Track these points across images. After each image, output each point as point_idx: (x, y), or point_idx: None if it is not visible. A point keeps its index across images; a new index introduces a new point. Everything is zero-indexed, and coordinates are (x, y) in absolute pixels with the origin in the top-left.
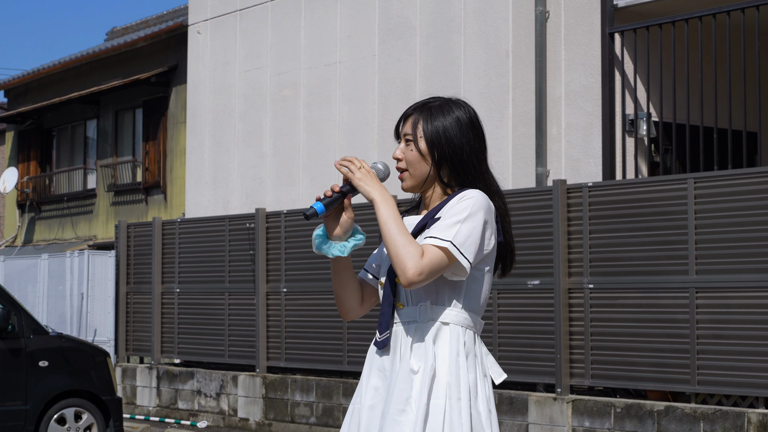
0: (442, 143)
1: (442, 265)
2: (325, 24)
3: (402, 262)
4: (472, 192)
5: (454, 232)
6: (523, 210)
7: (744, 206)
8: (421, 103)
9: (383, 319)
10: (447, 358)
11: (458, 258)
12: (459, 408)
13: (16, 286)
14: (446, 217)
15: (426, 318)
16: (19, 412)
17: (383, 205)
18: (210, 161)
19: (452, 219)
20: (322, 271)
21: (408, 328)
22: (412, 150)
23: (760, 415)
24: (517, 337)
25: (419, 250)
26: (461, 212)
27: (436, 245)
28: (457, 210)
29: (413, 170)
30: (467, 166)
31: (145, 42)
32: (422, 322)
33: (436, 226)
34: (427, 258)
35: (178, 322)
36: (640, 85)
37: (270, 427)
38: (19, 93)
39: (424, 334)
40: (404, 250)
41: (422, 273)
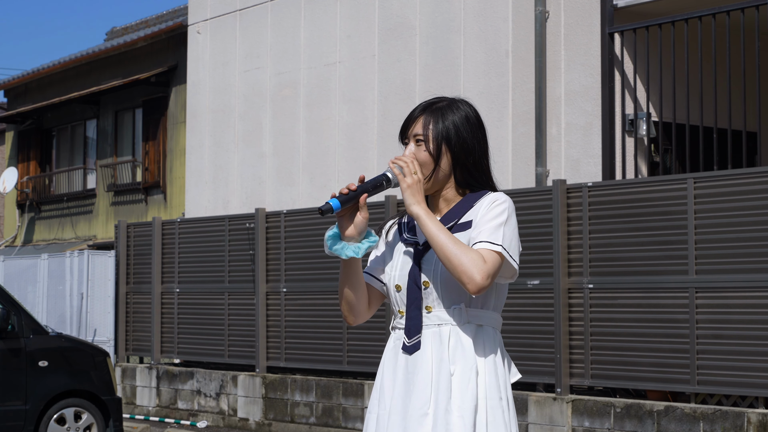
0: (454, 143)
1: (499, 268)
2: (325, 24)
3: (468, 270)
4: (503, 195)
5: (501, 235)
6: (523, 210)
7: (744, 206)
8: (428, 104)
9: (412, 323)
10: (487, 360)
11: (510, 261)
12: (502, 408)
13: (16, 286)
14: (487, 221)
15: (462, 321)
16: (18, 412)
17: (428, 219)
18: (210, 161)
19: (495, 222)
20: (322, 271)
21: (440, 331)
22: (424, 150)
23: (760, 415)
24: (516, 337)
25: (480, 256)
26: (500, 215)
27: (491, 249)
28: (495, 213)
29: (426, 171)
30: (479, 166)
31: (145, 42)
32: (458, 324)
33: (481, 231)
34: (490, 262)
35: (177, 322)
36: (640, 85)
37: (270, 427)
38: (19, 93)
39: (461, 336)
40: (466, 258)
41: (489, 277)
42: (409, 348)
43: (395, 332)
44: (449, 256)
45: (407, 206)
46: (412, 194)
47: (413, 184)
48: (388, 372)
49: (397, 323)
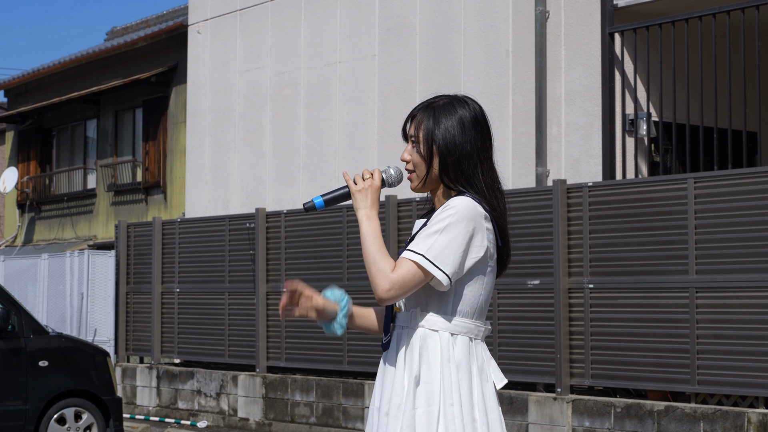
0: (441, 144)
1: (415, 278)
2: (325, 24)
3: (373, 279)
4: (457, 200)
5: (429, 244)
6: (523, 210)
7: (744, 206)
8: (426, 103)
9: (386, 323)
10: (436, 366)
11: (432, 271)
12: (453, 414)
13: (16, 286)
14: (426, 227)
15: (415, 324)
16: (19, 411)
17: (365, 222)
18: (210, 161)
19: (430, 230)
20: (323, 271)
21: (402, 333)
22: (416, 151)
23: (760, 414)
24: (517, 337)
25: (390, 266)
26: (440, 222)
27: (408, 258)
28: (436, 220)
29: (419, 171)
30: (466, 167)
31: (145, 42)
32: (412, 328)
33: (414, 239)
34: (398, 273)
35: (178, 322)
36: (640, 85)
37: (270, 426)
38: (19, 93)
39: (412, 340)
40: (375, 267)
41: (391, 288)
42: (383, 345)
43: None
44: (366, 262)
45: (355, 210)
46: (360, 198)
47: (363, 188)
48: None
49: None
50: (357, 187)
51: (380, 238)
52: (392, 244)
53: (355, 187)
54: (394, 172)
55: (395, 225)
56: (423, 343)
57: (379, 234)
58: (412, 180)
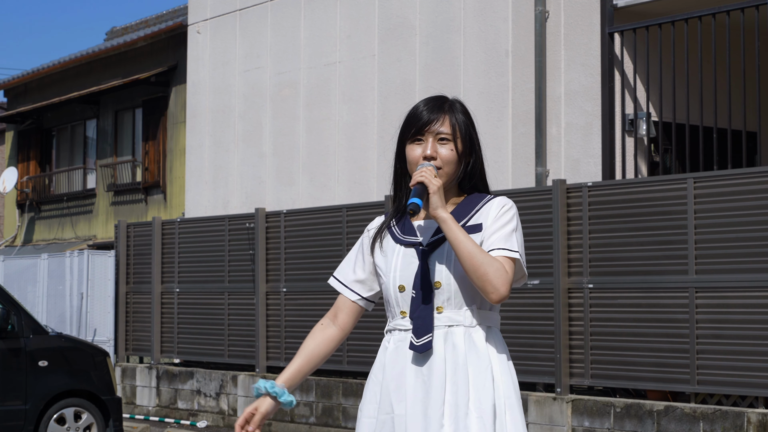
0: (474, 145)
1: (515, 274)
2: (325, 24)
3: (493, 281)
4: (509, 201)
5: (514, 242)
6: (523, 210)
7: (744, 206)
8: (442, 101)
9: (423, 323)
10: (501, 361)
11: (523, 267)
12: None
13: (16, 286)
14: (500, 227)
15: (474, 322)
16: (18, 411)
17: (453, 223)
18: (210, 161)
19: (507, 228)
20: (322, 271)
21: (452, 332)
22: (451, 150)
23: (760, 414)
24: (516, 337)
25: (503, 266)
26: (511, 221)
27: (509, 257)
28: (506, 219)
29: (449, 169)
30: (479, 165)
31: (145, 42)
32: (470, 326)
33: (497, 238)
34: (510, 271)
35: (177, 321)
36: (640, 85)
37: (269, 426)
38: (19, 93)
39: (474, 338)
40: (492, 268)
41: (510, 286)
42: (418, 347)
43: (394, 334)
44: (476, 265)
45: (433, 209)
46: (440, 197)
47: (440, 188)
48: (394, 374)
49: (398, 324)
50: (434, 186)
51: (471, 237)
52: None
53: (433, 187)
54: None
55: None
56: (487, 339)
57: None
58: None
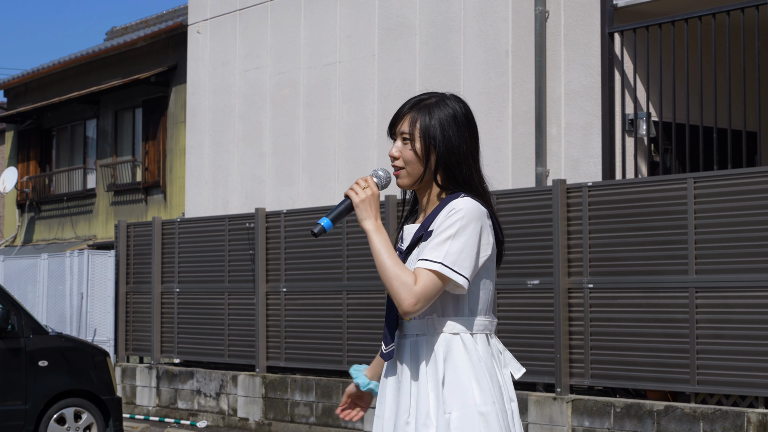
0: (438, 143)
1: (437, 287)
2: (325, 24)
3: (397, 294)
4: (461, 203)
5: (444, 251)
6: (523, 210)
7: (743, 206)
8: (417, 100)
9: (387, 332)
10: (466, 368)
11: (452, 277)
12: (493, 412)
13: (16, 286)
14: (436, 234)
15: (434, 331)
16: (18, 411)
17: (375, 234)
18: (210, 161)
19: (442, 236)
20: (322, 271)
21: (418, 341)
22: (410, 149)
23: (760, 414)
24: (516, 337)
25: (412, 279)
26: (450, 228)
27: (428, 268)
28: (446, 225)
29: (411, 169)
30: (461, 167)
31: (145, 42)
32: (431, 335)
33: (427, 246)
34: (421, 284)
35: (177, 321)
36: (640, 85)
37: (270, 426)
38: (19, 93)
39: (434, 347)
40: (398, 282)
41: (418, 302)
42: (385, 355)
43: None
44: (384, 278)
45: (359, 221)
46: (363, 209)
47: (365, 198)
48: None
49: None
50: (358, 198)
51: (393, 250)
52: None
53: (357, 199)
54: (384, 174)
55: (395, 225)
56: (447, 348)
57: (390, 245)
58: (401, 177)
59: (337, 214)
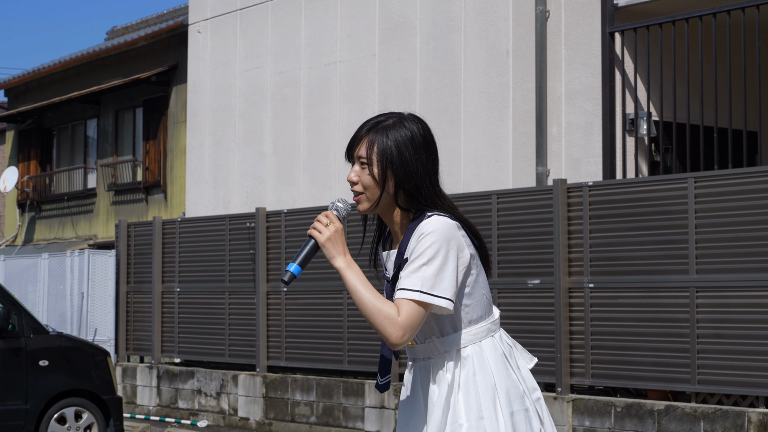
0: (396, 167)
1: (421, 315)
2: (326, 23)
3: (383, 329)
4: (428, 225)
5: (420, 277)
6: (524, 209)
7: (744, 205)
8: (374, 122)
9: (383, 363)
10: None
11: (433, 302)
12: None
13: (17, 286)
14: (410, 261)
15: (439, 352)
16: (19, 411)
17: (348, 272)
18: (210, 160)
19: (416, 263)
20: (323, 270)
21: (427, 365)
22: (368, 174)
23: (761, 414)
24: (517, 337)
25: (395, 311)
26: (423, 254)
27: (407, 298)
28: (419, 251)
29: (370, 194)
30: (422, 189)
31: (146, 41)
32: (437, 357)
33: (403, 275)
34: (404, 315)
35: (178, 321)
36: (641, 85)
37: (270, 426)
38: (20, 92)
39: (442, 367)
40: (380, 316)
41: (405, 333)
42: (380, 387)
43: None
44: (366, 313)
45: (328, 260)
46: (331, 247)
47: (330, 236)
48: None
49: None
50: (323, 237)
51: (369, 283)
52: None
53: (322, 238)
54: (343, 205)
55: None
56: (458, 365)
57: (365, 279)
58: (361, 202)
59: (304, 257)
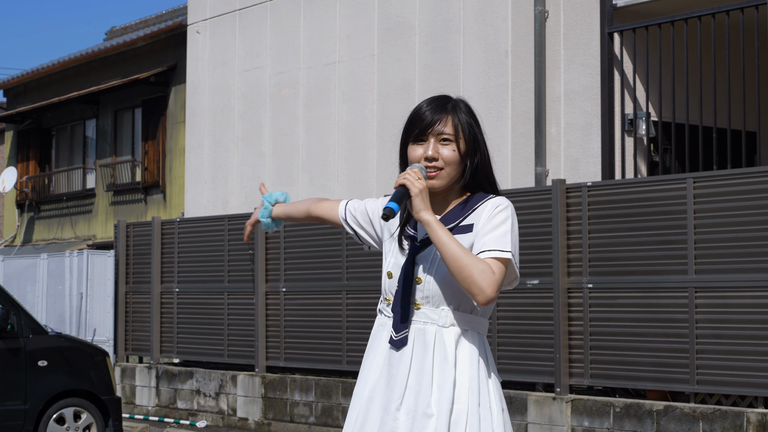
0: (479, 145)
1: (504, 274)
2: (325, 24)
3: (479, 282)
4: (505, 200)
5: (507, 242)
6: (523, 210)
7: (743, 206)
8: (450, 102)
9: (400, 318)
10: (470, 365)
11: (515, 267)
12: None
13: (16, 286)
14: (493, 227)
15: (448, 323)
16: (18, 411)
17: (437, 225)
18: (209, 161)
19: (501, 229)
20: (322, 270)
21: (427, 330)
22: (453, 150)
23: (759, 414)
24: (516, 337)
25: (489, 267)
26: (505, 222)
27: (500, 258)
28: (500, 219)
29: (451, 170)
30: (485, 166)
31: (145, 42)
32: (444, 326)
33: (488, 238)
34: (498, 273)
35: (177, 321)
36: (640, 85)
37: (269, 426)
38: (19, 93)
39: (445, 339)
40: (477, 270)
41: (498, 288)
42: (396, 342)
43: (381, 317)
44: (461, 267)
45: (416, 212)
46: (422, 200)
47: (422, 189)
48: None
49: (384, 309)
50: (416, 188)
51: (456, 239)
52: None
53: (415, 189)
54: (423, 170)
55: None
56: (458, 342)
57: (452, 235)
58: (438, 178)
59: (399, 199)
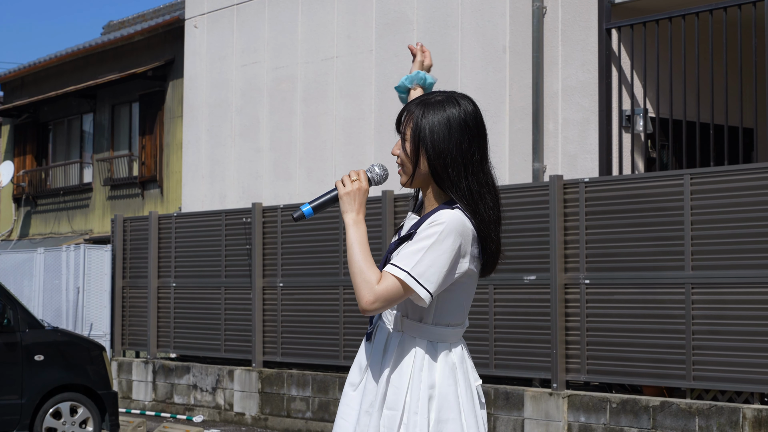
0: (429, 146)
1: (399, 294)
2: (323, 19)
3: (358, 289)
4: (445, 215)
5: (415, 260)
6: (520, 205)
7: (740, 202)
8: (421, 99)
9: None
10: (409, 372)
11: (415, 289)
12: (415, 422)
13: (12, 280)
14: (413, 242)
15: (396, 328)
16: (14, 406)
17: (352, 227)
18: (206, 155)
19: (417, 245)
20: (319, 265)
21: (384, 330)
22: (404, 149)
23: (755, 410)
24: (513, 333)
25: (376, 278)
26: (427, 238)
27: (394, 274)
28: (424, 235)
29: (405, 168)
30: (452, 172)
31: (142, 36)
32: (395, 329)
33: (401, 251)
34: (383, 286)
35: (174, 316)
36: (637, 81)
37: (266, 421)
38: (16, 86)
39: (390, 342)
40: (361, 277)
41: (376, 301)
42: (368, 335)
43: None
44: (352, 272)
45: (342, 213)
46: (347, 201)
47: (350, 191)
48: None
49: None
50: (344, 189)
51: (367, 246)
52: (388, 240)
53: (342, 190)
54: (380, 170)
55: (392, 220)
56: (401, 347)
57: (365, 241)
58: (402, 175)
59: (321, 203)
